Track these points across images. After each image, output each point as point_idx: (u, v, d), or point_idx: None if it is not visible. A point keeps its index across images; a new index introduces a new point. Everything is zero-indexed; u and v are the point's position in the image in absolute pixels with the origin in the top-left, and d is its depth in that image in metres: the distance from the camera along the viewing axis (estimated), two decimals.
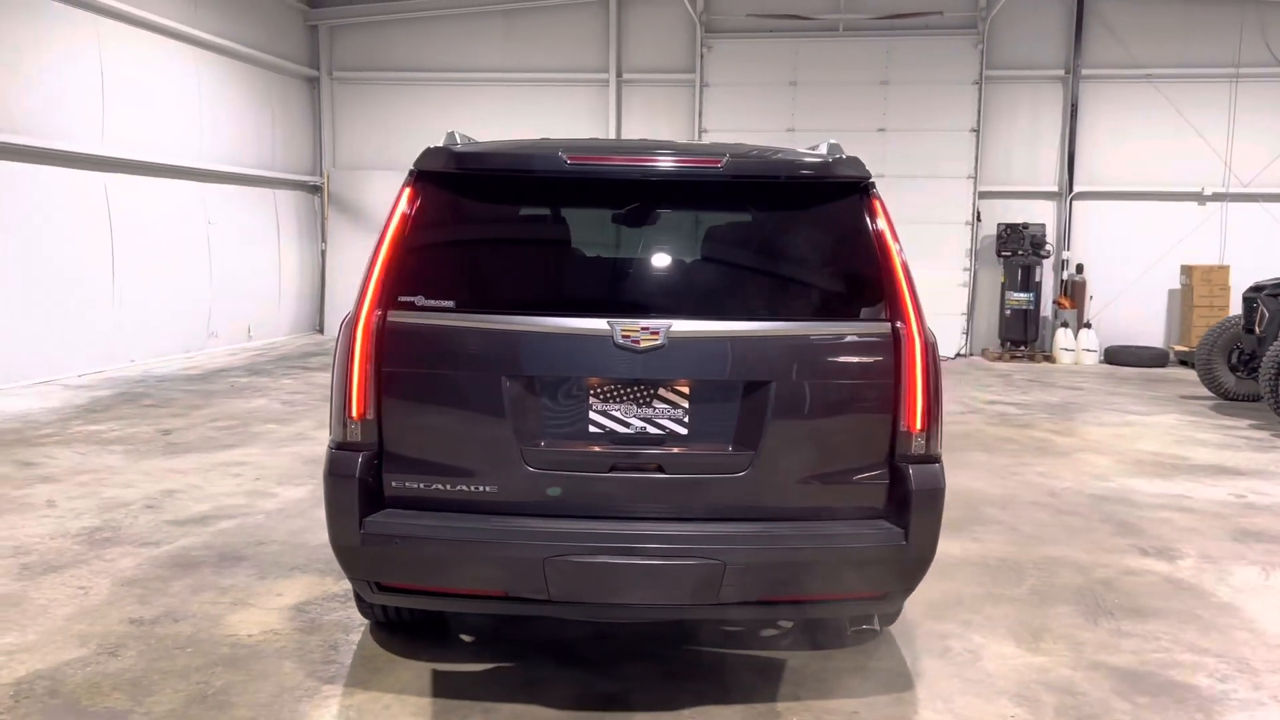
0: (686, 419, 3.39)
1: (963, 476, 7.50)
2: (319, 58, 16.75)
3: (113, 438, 8.23)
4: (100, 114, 11.88)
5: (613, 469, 3.38)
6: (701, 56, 15.89)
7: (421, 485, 3.41)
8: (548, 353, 3.36)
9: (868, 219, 3.52)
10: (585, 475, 3.38)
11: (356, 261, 14.08)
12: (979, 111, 15.41)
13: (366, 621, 4.36)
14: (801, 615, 4.18)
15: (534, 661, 4.08)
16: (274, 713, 3.60)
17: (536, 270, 3.59)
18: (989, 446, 8.68)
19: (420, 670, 3.96)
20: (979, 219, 15.62)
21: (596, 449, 3.38)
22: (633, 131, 16.21)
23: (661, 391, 3.38)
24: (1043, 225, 15.33)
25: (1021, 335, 15.25)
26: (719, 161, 3.43)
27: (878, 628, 3.78)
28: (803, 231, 3.62)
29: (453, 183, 3.52)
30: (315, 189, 16.90)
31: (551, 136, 4.14)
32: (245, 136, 14.97)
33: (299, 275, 16.33)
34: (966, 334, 15.70)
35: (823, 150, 3.77)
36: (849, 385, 3.43)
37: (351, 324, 3.36)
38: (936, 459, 3.47)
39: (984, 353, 15.60)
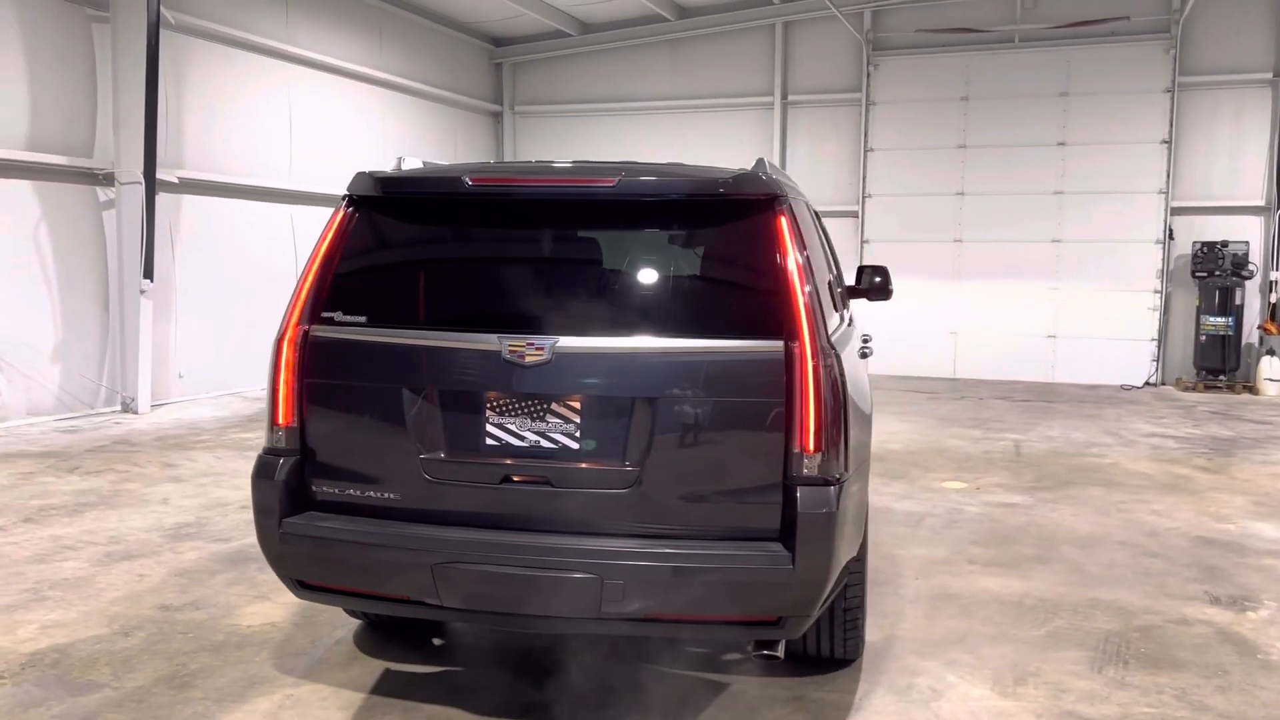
0: (578, 434, 3.44)
1: (1062, 512, 7.01)
2: (502, 93, 17.67)
3: (255, 445, 9.03)
4: (288, 151, 13.09)
5: (504, 481, 3.48)
6: (868, 75, 15.59)
7: (338, 490, 3.63)
8: (443, 367, 3.51)
9: (767, 236, 3.44)
10: (478, 487, 3.49)
11: None
12: (1172, 121, 14.26)
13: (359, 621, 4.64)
14: (698, 636, 4.11)
15: (482, 668, 4.22)
16: (223, 695, 3.93)
17: (440, 287, 3.75)
18: (1114, 481, 8.03)
19: (374, 668, 4.19)
20: (1172, 237, 14.42)
21: (490, 461, 3.48)
22: (798, 153, 16.11)
23: (554, 406, 3.44)
24: (1246, 243, 13.98)
25: (1219, 364, 13.93)
26: (612, 181, 3.47)
27: (780, 655, 3.66)
28: (696, 248, 3.60)
29: (376, 206, 3.75)
30: None
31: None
32: None
33: None
34: (1157, 361, 14.49)
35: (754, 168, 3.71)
36: (738, 404, 3.37)
37: (279, 337, 3.64)
38: (832, 481, 3.34)
39: (1177, 382, 14.34)
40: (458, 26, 16.43)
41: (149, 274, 10.64)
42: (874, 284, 6.27)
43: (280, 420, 3.64)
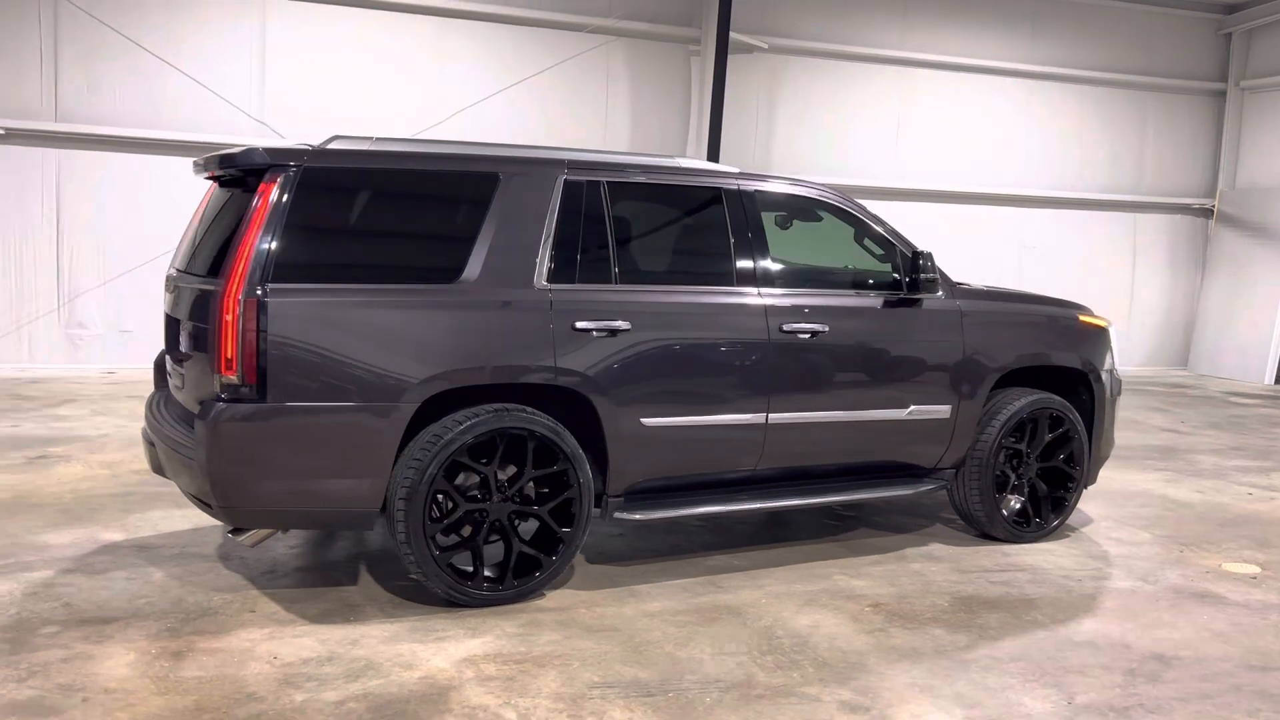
0: (188, 348, 4.51)
1: None
2: (1227, 68, 15.07)
3: None
4: (893, 150, 13.77)
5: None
6: None
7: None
8: (169, 294, 4.88)
9: (252, 201, 4.09)
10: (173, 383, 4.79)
11: (1237, 292, 12.98)
12: None
13: None
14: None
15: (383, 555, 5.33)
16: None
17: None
18: None
19: None
20: None
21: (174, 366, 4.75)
22: None
23: (187, 326, 4.56)
24: None
25: None
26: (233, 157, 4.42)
27: (246, 541, 4.16)
28: (230, 209, 4.35)
29: None
30: (1207, 212, 15.32)
31: None
32: (1093, 161, 14.74)
33: (1160, 303, 15.21)
34: None
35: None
36: (203, 330, 4.13)
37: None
38: (228, 401, 3.92)
39: None
40: (1165, 1, 14.66)
41: None
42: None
43: None
